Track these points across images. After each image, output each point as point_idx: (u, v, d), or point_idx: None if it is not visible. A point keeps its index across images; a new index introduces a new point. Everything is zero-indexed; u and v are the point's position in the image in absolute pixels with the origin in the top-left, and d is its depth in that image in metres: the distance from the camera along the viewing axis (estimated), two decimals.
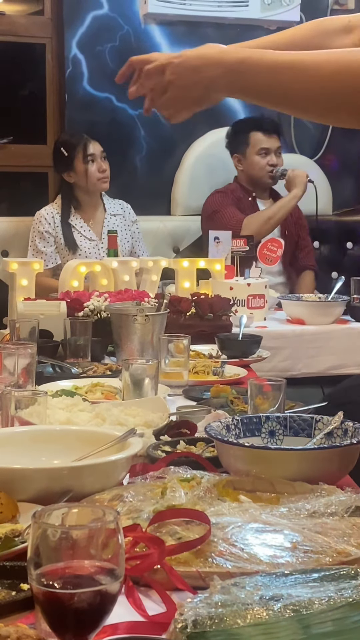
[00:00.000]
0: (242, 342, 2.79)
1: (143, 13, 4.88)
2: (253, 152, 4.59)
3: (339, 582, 1.00)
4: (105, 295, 2.91)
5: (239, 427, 1.60)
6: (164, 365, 2.30)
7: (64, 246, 4.33)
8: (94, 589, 0.85)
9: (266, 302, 3.68)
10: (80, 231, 4.36)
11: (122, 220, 4.48)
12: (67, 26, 4.82)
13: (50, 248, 4.34)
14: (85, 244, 4.35)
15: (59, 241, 4.34)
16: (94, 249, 4.33)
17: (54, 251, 4.35)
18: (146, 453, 1.61)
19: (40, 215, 4.39)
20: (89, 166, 4.31)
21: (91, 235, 4.36)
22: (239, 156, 4.65)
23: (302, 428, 1.62)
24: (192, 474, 1.41)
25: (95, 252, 4.32)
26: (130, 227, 4.51)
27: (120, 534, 0.89)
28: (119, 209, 4.50)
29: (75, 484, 1.33)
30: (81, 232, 4.36)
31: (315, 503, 1.29)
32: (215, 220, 4.45)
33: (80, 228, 4.37)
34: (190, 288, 3.40)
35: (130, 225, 4.51)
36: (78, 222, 4.37)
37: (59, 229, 4.34)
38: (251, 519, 1.22)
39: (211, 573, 1.08)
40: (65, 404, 1.87)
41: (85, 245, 4.34)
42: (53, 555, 0.87)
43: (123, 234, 4.44)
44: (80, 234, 4.36)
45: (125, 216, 4.51)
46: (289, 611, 0.92)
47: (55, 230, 4.34)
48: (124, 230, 4.46)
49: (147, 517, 1.23)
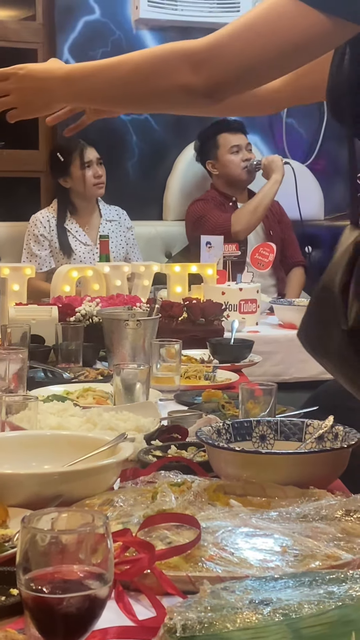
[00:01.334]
0: (234, 346, 2.79)
1: (135, 18, 4.88)
2: (225, 152, 4.63)
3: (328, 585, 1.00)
4: (97, 300, 2.91)
5: (230, 432, 1.60)
6: (156, 370, 2.30)
7: (58, 250, 4.33)
8: (83, 593, 0.85)
9: (258, 306, 3.69)
10: (75, 236, 4.36)
11: (117, 226, 4.48)
12: (59, 31, 4.83)
13: (45, 252, 4.35)
14: (80, 248, 4.35)
15: (54, 245, 4.34)
16: (89, 254, 4.33)
17: (48, 255, 4.35)
18: (137, 458, 1.61)
19: (36, 218, 4.39)
20: (86, 172, 4.31)
21: (86, 240, 4.37)
22: (212, 161, 4.68)
23: (292, 432, 1.62)
24: (183, 478, 1.41)
25: (89, 257, 4.32)
26: (125, 233, 4.51)
27: (109, 539, 0.89)
28: (115, 214, 4.51)
29: (65, 489, 1.33)
30: (76, 236, 4.36)
31: (306, 507, 1.29)
32: (202, 225, 4.45)
33: (76, 233, 4.37)
34: (182, 293, 3.40)
35: (126, 231, 4.51)
36: (73, 227, 4.38)
37: (54, 233, 4.34)
38: (241, 523, 1.22)
39: (201, 577, 1.08)
40: (56, 409, 1.87)
41: (80, 250, 4.34)
42: (42, 560, 0.87)
43: (118, 240, 4.44)
44: (76, 238, 4.36)
45: (121, 222, 4.51)
46: (279, 615, 0.92)
47: (51, 234, 4.35)
48: (119, 236, 4.46)
49: (138, 521, 1.23)
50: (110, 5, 4.86)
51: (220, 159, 4.64)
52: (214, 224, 4.41)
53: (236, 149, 4.61)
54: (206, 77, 1.49)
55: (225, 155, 4.63)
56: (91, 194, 4.37)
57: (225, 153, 4.63)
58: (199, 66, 1.49)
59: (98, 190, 4.37)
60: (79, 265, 3.75)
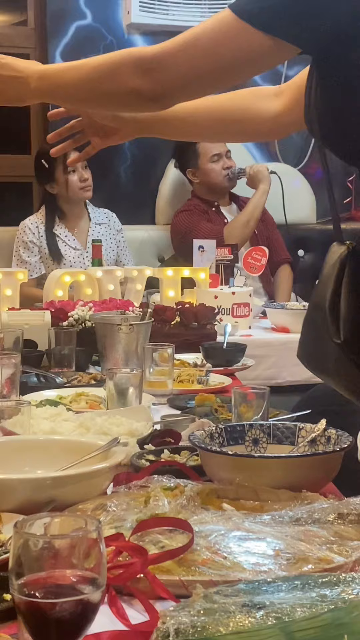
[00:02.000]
0: (227, 350, 2.80)
1: (126, 23, 4.89)
2: (205, 160, 4.62)
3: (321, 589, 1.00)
4: (89, 304, 2.91)
5: (223, 436, 1.60)
6: (149, 374, 2.30)
7: (48, 256, 4.33)
8: (76, 598, 0.85)
9: (251, 310, 3.69)
10: (65, 240, 4.36)
11: (107, 229, 4.48)
12: (51, 36, 4.83)
13: (35, 258, 4.34)
14: (70, 253, 4.34)
15: (44, 251, 4.34)
16: (79, 258, 4.33)
17: (38, 261, 4.35)
18: (130, 462, 1.61)
19: (25, 225, 4.38)
20: (70, 176, 4.30)
21: (76, 245, 4.36)
22: (192, 170, 4.67)
23: (285, 436, 1.62)
24: (176, 482, 1.41)
25: (80, 261, 4.32)
26: (116, 236, 4.51)
27: (102, 543, 0.89)
28: (104, 218, 4.50)
29: (58, 494, 1.33)
30: (66, 241, 4.36)
31: (298, 510, 1.29)
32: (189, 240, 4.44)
33: (65, 237, 4.36)
34: (175, 297, 3.40)
35: (116, 234, 4.51)
36: (62, 232, 4.37)
37: (43, 239, 4.34)
38: (234, 526, 1.22)
39: (194, 581, 1.08)
40: (49, 413, 1.87)
41: (70, 255, 4.34)
42: (35, 565, 0.87)
43: (108, 243, 4.44)
44: (65, 243, 4.36)
45: (111, 225, 4.50)
46: (272, 619, 0.92)
47: (40, 240, 4.34)
48: (109, 239, 4.46)
49: (131, 526, 1.24)
50: (102, 10, 4.86)
51: (201, 167, 4.63)
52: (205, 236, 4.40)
53: (217, 158, 4.61)
54: (153, 83, 1.57)
55: (206, 164, 4.62)
56: (78, 198, 4.36)
57: (205, 162, 4.62)
58: (147, 72, 1.57)
59: (85, 194, 4.36)
60: (71, 269, 3.74)
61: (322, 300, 1.48)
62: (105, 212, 4.53)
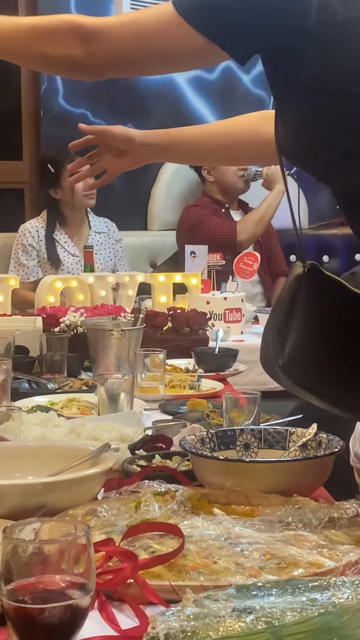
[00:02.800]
0: (219, 356, 2.80)
1: None
2: None
3: (311, 593, 1.00)
4: (81, 310, 2.91)
5: (214, 441, 1.60)
6: (140, 379, 2.30)
7: (46, 261, 4.33)
8: (65, 603, 0.85)
9: (243, 315, 3.69)
10: (64, 247, 4.36)
11: (106, 238, 4.49)
12: None
13: (33, 262, 4.34)
14: (68, 259, 4.34)
15: (42, 255, 4.34)
16: (77, 265, 4.33)
17: (36, 265, 4.35)
18: (121, 467, 1.61)
19: (25, 228, 4.39)
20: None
21: (75, 252, 4.36)
22: (208, 168, 4.68)
23: (276, 440, 1.62)
24: (167, 487, 1.41)
25: (77, 268, 4.31)
26: (114, 245, 4.51)
27: (91, 548, 0.89)
28: (104, 226, 4.51)
29: (49, 499, 1.33)
30: (65, 247, 4.36)
31: (289, 515, 1.29)
32: (199, 232, 4.47)
33: (65, 244, 4.37)
34: (167, 302, 3.40)
35: (114, 244, 4.51)
36: (62, 238, 4.38)
37: (42, 243, 4.34)
38: (225, 531, 1.22)
39: (184, 586, 1.08)
40: (40, 419, 1.87)
41: (69, 261, 4.34)
42: (24, 571, 0.87)
43: (106, 251, 4.44)
44: (64, 249, 4.36)
45: (110, 234, 4.51)
46: (262, 623, 0.92)
47: (39, 244, 4.34)
48: (108, 248, 4.46)
49: (121, 531, 1.23)
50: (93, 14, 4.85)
51: (218, 166, 4.65)
52: (217, 231, 4.44)
53: None
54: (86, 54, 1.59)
55: None
56: (81, 205, 4.37)
57: None
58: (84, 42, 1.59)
59: (89, 201, 4.37)
60: (63, 275, 3.74)
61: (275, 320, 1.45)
62: (106, 221, 4.53)
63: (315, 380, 1.40)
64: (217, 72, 5.11)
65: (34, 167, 4.98)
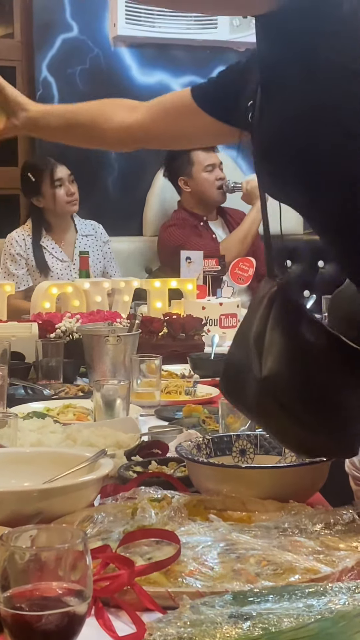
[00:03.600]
0: (214, 361, 2.79)
1: (113, 35, 4.90)
2: (200, 169, 4.60)
3: (308, 599, 1.00)
4: (77, 316, 2.91)
5: (210, 447, 1.60)
6: (136, 385, 2.30)
7: (35, 268, 4.33)
8: (62, 610, 0.85)
9: (239, 321, 3.69)
10: (52, 252, 4.36)
11: (93, 241, 4.48)
12: (37, 49, 4.84)
13: (22, 270, 4.34)
14: (56, 265, 4.34)
15: (31, 263, 4.33)
16: (66, 270, 4.33)
17: (25, 273, 4.34)
18: (117, 474, 1.61)
19: (12, 237, 4.38)
20: (57, 190, 4.30)
21: (63, 257, 4.36)
22: (185, 178, 4.64)
23: (272, 446, 1.62)
24: (163, 494, 1.41)
25: (67, 273, 4.32)
26: (102, 247, 4.50)
27: (88, 555, 0.89)
28: (91, 229, 4.50)
29: (45, 506, 1.33)
30: (53, 253, 4.36)
31: (285, 521, 1.29)
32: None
33: (52, 250, 4.36)
34: (162, 308, 3.40)
35: (102, 245, 4.51)
36: (49, 244, 4.37)
37: (30, 251, 4.33)
38: (221, 537, 1.22)
39: (181, 593, 1.08)
40: (36, 425, 1.86)
41: (57, 267, 4.34)
42: (21, 578, 0.87)
43: (95, 254, 4.43)
44: (52, 255, 4.35)
45: (97, 236, 4.50)
46: (258, 629, 0.93)
47: (27, 253, 4.34)
48: (96, 250, 4.46)
49: (118, 538, 1.23)
50: (88, 22, 4.88)
51: (195, 176, 4.62)
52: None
53: (210, 168, 4.60)
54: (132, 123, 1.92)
55: (200, 173, 4.60)
56: (64, 212, 4.36)
57: (200, 171, 4.60)
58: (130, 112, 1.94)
59: (71, 208, 4.35)
60: (59, 281, 3.74)
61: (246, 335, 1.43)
62: (92, 223, 4.52)
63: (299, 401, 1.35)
64: None
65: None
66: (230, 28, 5.01)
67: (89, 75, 4.87)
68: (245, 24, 5.02)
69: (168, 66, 5.04)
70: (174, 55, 5.03)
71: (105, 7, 4.89)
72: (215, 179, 4.60)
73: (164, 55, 5.01)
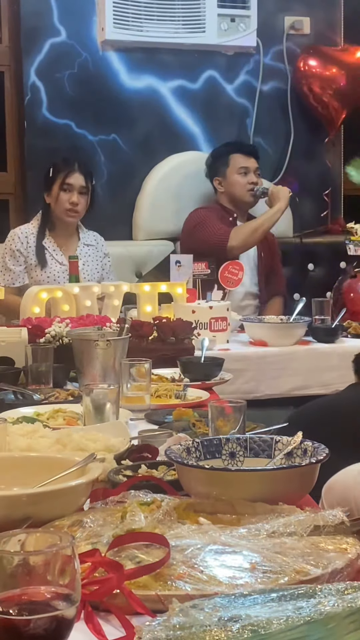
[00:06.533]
0: (204, 365, 2.80)
1: (101, 40, 4.90)
2: (233, 171, 4.74)
3: (297, 601, 1.00)
4: (66, 321, 2.91)
5: (200, 450, 1.60)
6: (126, 389, 2.30)
7: (34, 266, 4.32)
8: (50, 614, 0.85)
9: (229, 324, 3.69)
10: (52, 254, 4.35)
11: (94, 251, 4.48)
12: (25, 54, 4.83)
13: (20, 267, 4.34)
14: (55, 267, 4.33)
15: (29, 261, 4.33)
16: (63, 274, 4.31)
17: (22, 271, 4.34)
18: (107, 478, 1.61)
19: (15, 233, 4.38)
20: (62, 194, 4.31)
21: (62, 260, 4.34)
22: (220, 179, 4.78)
23: (262, 449, 1.62)
24: (153, 497, 1.40)
25: (63, 277, 4.30)
26: (102, 259, 4.50)
27: (76, 559, 0.89)
28: (93, 240, 4.50)
29: (34, 511, 1.33)
30: (53, 255, 4.35)
31: (275, 523, 1.29)
32: (200, 232, 4.54)
33: (53, 251, 4.36)
34: (152, 312, 3.41)
35: (102, 257, 4.50)
36: (51, 245, 4.37)
37: (31, 250, 4.33)
38: (210, 540, 1.22)
39: (170, 596, 1.08)
40: (26, 430, 1.86)
41: (55, 269, 4.33)
42: (9, 582, 0.87)
43: (94, 264, 4.43)
44: (52, 256, 4.35)
45: (98, 247, 4.50)
46: (248, 632, 0.93)
47: (27, 250, 4.33)
48: (95, 261, 4.46)
49: (107, 541, 1.23)
50: (76, 27, 4.88)
51: (228, 177, 4.75)
52: (212, 232, 4.51)
53: (244, 171, 4.73)
54: None
55: (232, 175, 4.74)
56: (61, 217, 4.35)
57: (233, 172, 4.74)
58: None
59: (67, 217, 4.34)
60: (48, 286, 3.74)
61: None
62: (95, 234, 4.53)
63: None
64: (201, 81, 5.12)
65: (19, 178, 4.98)
66: (218, 32, 5.02)
67: (78, 80, 4.87)
68: (233, 28, 5.03)
69: (156, 70, 5.04)
70: (162, 59, 5.03)
71: (93, 11, 4.89)
72: (248, 182, 4.71)
73: (152, 60, 5.01)
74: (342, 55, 5.32)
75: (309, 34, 5.30)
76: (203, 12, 4.99)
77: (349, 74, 5.27)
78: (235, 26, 5.03)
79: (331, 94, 5.22)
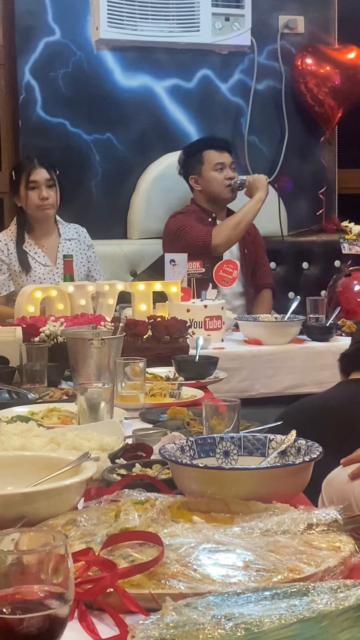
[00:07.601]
0: (199, 363, 2.80)
1: (95, 39, 4.90)
2: (209, 168, 4.67)
3: (290, 599, 1.01)
4: (61, 320, 2.90)
5: (194, 449, 1.60)
6: (121, 388, 2.30)
7: (17, 273, 4.29)
8: (43, 613, 0.85)
9: (223, 323, 3.70)
10: (34, 257, 4.32)
11: (77, 245, 4.46)
12: (20, 53, 4.83)
13: (3, 276, 4.31)
14: (39, 269, 4.30)
15: (12, 268, 4.31)
16: (49, 274, 4.30)
17: (6, 279, 4.31)
18: (102, 477, 1.61)
19: None
20: (30, 193, 4.28)
21: (46, 261, 4.33)
22: (195, 177, 4.72)
23: (256, 447, 1.62)
24: (147, 496, 1.41)
25: (50, 277, 4.29)
26: (86, 251, 4.48)
27: (69, 558, 0.89)
28: (74, 233, 4.48)
29: (28, 510, 1.33)
30: (35, 258, 4.32)
31: (268, 522, 1.29)
32: (181, 237, 4.49)
33: (35, 254, 4.33)
34: (147, 311, 3.41)
35: (86, 249, 4.48)
36: (32, 248, 4.34)
37: (12, 256, 4.30)
38: (204, 539, 1.22)
39: (164, 594, 1.08)
40: (20, 429, 1.86)
41: (40, 271, 4.30)
42: (2, 581, 0.87)
43: (79, 258, 4.42)
44: (35, 260, 4.32)
45: (81, 240, 4.48)
46: (241, 630, 0.93)
47: (9, 258, 4.31)
48: (80, 254, 4.44)
49: (101, 540, 1.23)
50: (71, 26, 4.87)
51: (204, 175, 4.68)
52: (195, 235, 4.46)
53: (220, 167, 4.66)
54: None
55: (209, 172, 4.67)
56: (36, 215, 4.33)
57: (209, 169, 4.67)
58: None
59: (41, 213, 4.31)
60: (43, 285, 3.74)
61: None
62: (75, 227, 4.50)
63: None
64: (195, 80, 5.12)
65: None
66: (212, 31, 5.02)
67: (72, 79, 4.87)
68: (227, 27, 5.03)
69: (151, 69, 5.04)
70: (157, 58, 5.03)
71: (87, 10, 4.89)
72: (225, 178, 4.66)
73: (146, 59, 5.01)
74: (337, 54, 5.32)
75: (303, 33, 5.30)
76: (197, 11, 4.99)
77: (343, 73, 5.27)
78: (229, 25, 5.03)
79: (327, 92, 5.22)
